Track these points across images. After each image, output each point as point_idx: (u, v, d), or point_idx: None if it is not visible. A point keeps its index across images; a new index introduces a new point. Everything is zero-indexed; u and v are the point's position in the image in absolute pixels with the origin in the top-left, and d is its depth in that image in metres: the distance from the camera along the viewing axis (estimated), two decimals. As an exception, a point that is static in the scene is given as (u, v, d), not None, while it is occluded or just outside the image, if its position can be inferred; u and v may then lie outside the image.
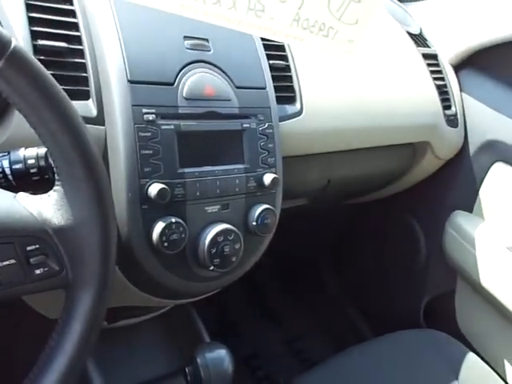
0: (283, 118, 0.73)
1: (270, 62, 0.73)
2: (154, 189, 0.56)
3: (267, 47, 0.73)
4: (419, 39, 1.09)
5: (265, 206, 0.66)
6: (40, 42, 0.56)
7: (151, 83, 0.58)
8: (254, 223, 0.65)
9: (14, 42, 0.35)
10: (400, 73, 0.98)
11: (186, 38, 0.63)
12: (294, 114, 0.76)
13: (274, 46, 0.76)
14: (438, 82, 1.05)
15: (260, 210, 0.65)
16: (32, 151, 0.47)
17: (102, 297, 0.41)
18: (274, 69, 0.73)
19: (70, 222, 0.40)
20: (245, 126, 0.65)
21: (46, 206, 0.40)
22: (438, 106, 1.03)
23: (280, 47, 0.77)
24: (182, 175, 0.59)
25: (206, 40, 0.64)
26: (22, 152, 0.47)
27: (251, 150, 0.66)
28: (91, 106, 0.57)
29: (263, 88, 0.68)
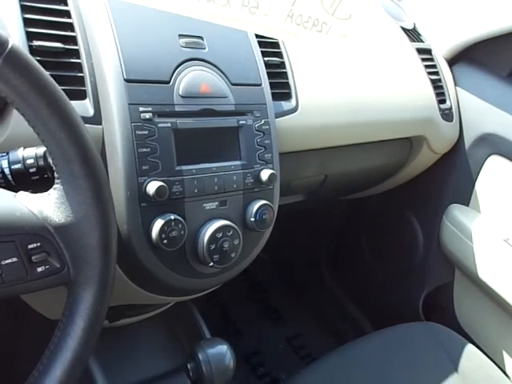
0: (279, 115, 0.74)
1: (265, 58, 0.73)
2: (153, 187, 0.56)
3: (262, 44, 0.74)
4: (413, 34, 1.09)
5: (262, 202, 0.66)
6: (35, 43, 0.56)
7: (147, 82, 0.58)
8: (252, 219, 0.65)
9: (12, 41, 0.35)
10: (394, 68, 0.99)
11: (181, 36, 0.63)
12: (289, 111, 0.76)
13: (268, 42, 0.76)
14: (433, 77, 1.06)
15: (258, 205, 0.66)
16: (31, 151, 0.47)
17: (103, 293, 0.42)
18: (269, 65, 0.74)
19: (71, 220, 0.40)
20: (241, 122, 0.65)
21: (47, 204, 0.40)
22: (433, 100, 1.04)
23: (275, 44, 0.78)
24: (179, 173, 0.60)
25: (201, 38, 0.65)
26: (20, 152, 0.47)
27: (248, 146, 0.66)
28: (88, 106, 0.58)
29: (259, 85, 0.69)
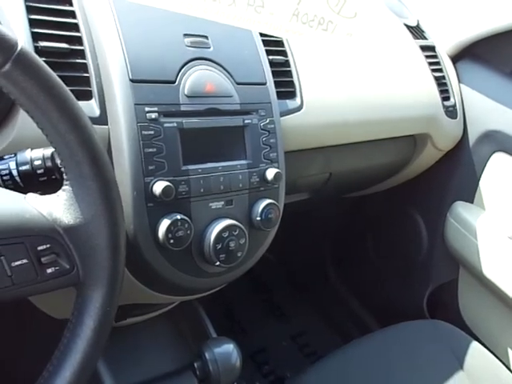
0: (284, 113, 0.74)
1: (270, 57, 0.73)
2: (159, 187, 0.56)
3: (266, 43, 0.74)
4: (417, 31, 1.09)
5: (268, 201, 0.66)
6: (41, 44, 0.56)
7: (153, 82, 0.58)
8: (258, 218, 0.65)
9: (21, 43, 0.35)
10: (398, 65, 0.99)
11: (186, 35, 0.63)
12: (294, 109, 0.76)
13: (273, 41, 0.76)
14: (437, 74, 1.06)
15: (263, 204, 0.66)
16: (38, 152, 0.47)
17: (112, 294, 0.42)
18: (273, 64, 0.74)
19: (80, 221, 0.40)
20: (246, 121, 0.65)
21: (56, 205, 0.40)
22: (437, 97, 1.03)
23: (279, 43, 0.78)
24: (185, 172, 0.60)
25: (206, 37, 0.65)
26: (28, 153, 0.47)
27: (253, 145, 0.66)
28: (94, 106, 0.58)
29: (264, 84, 0.69)
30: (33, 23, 0.56)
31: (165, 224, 0.57)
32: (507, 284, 1.01)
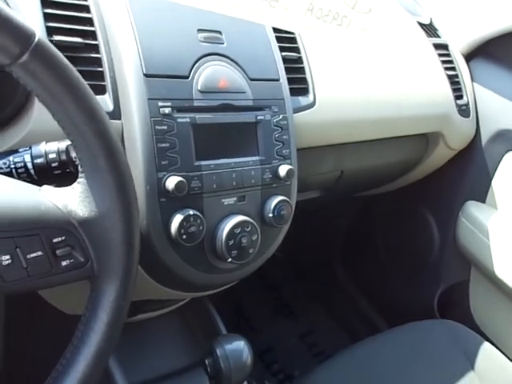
0: (296, 110, 0.73)
1: (283, 53, 0.73)
2: (172, 182, 0.56)
3: (279, 39, 0.73)
4: (430, 29, 1.08)
5: (281, 198, 0.66)
6: (56, 38, 0.56)
7: (166, 77, 0.58)
8: (271, 215, 0.65)
9: (38, 35, 0.35)
10: (411, 63, 0.98)
11: (200, 30, 0.63)
12: (307, 106, 0.76)
13: (286, 38, 0.76)
14: (450, 72, 1.05)
15: (276, 201, 0.65)
16: (53, 145, 0.47)
17: (126, 288, 0.42)
18: (286, 61, 0.73)
19: (95, 214, 0.40)
20: (259, 117, 0.65)
21: (71, 198, 0.40)
22: (450, 95, 1.02)
23: (292, 39, 0.77)
24: (198, 168, 0.60)
25: (219, 32, 0.64)
26: (43, 146, 0.47)
27: (266, 142, 0.66)
28: (107, 101, 0.58)
29: (277, 80, 0.68)
30: (47, 17, 0.56)
31: (177, 219, 0.57)
32: (519, 285, 1.00)
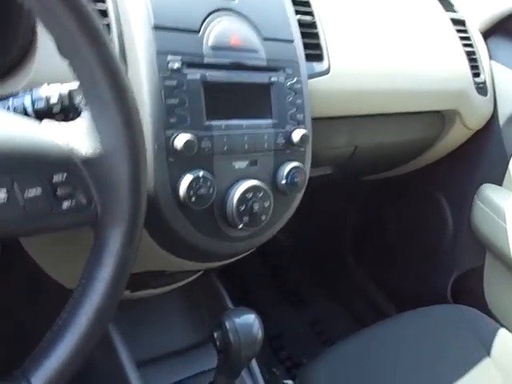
0: (310, 76, 0.70)
1: (297, 16, 0.70)
2: (181, 140, 0.53)
3: (294, 2, 0.70)
4: (447, 4, 1.05)
5: (294, 164, 0.63)
6: None
7: (176, 30, 0.55)
8: (284, 181, 0.62)
9: None
10: (429, 37, 0.94)
11: None
12: (321, 73, 0.73)
13: (300, 1, 0.73)
14: (467, 49, 1.01)
15: (289, 167, 0.62)
16: (54, 89, 0.44)
17: (132, 235, 0.39)
18: (300, 25, 0.70)
19: (99, 152, 0.37)
20: (273, 79, 0.62)
21: (73, 134, 0.37)
22: (468, 72, 0.99)
23: (306, 3, 0.74)
24: (209, 128, 0.56)
25: None
26: (44, 90, 0.44)
27: (279, 105, 0.62)
28: None
29: (291, 41, 0.65)
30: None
31: (186, 180, 0.54)
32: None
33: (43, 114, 0.42)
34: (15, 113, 0.42)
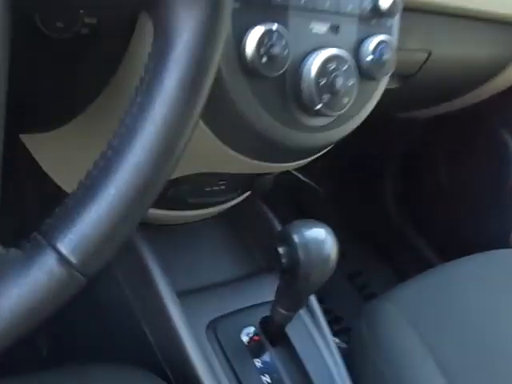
0: None
1: None
2: None
3: None
4: None
5: (382, 38, 0.50)
6: None
7: None
8: (370, 57, 0.49)
9: None
10: None
11: None
12: None
13: None
14: None
15: (377, 41, 0.49)
16: None
17: (215, 20, 0.25)
18: None
19: None
20: None
21: None
22: None
23: None
24: None
25: None
26: None
27: None
28: None
29: None
30: None
31: (257, 33, 0.41)
32: None
33: None
34: None
